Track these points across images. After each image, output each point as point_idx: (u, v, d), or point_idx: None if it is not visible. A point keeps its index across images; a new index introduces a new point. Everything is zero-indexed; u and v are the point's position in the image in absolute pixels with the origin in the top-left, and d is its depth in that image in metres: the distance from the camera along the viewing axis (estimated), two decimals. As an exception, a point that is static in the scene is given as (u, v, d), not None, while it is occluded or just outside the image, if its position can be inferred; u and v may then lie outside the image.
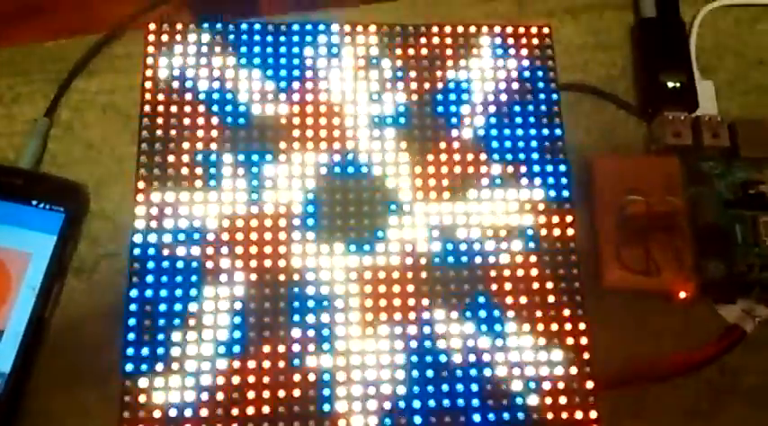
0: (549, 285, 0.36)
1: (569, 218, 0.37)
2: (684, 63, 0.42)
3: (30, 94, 0.40)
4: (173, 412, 0.33)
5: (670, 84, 0.41)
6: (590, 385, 0.34)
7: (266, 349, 0.34)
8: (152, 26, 0.39)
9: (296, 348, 0.34)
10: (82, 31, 0.41)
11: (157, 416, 0.33)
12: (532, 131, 0.39)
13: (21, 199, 0.37)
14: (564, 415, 0.34)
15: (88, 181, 0.39)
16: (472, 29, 0.40)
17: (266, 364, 0.34)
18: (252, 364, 0.34)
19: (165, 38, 0.39)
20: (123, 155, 0.39)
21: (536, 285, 0.36)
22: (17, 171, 0.38)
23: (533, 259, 0.36)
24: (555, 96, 0.39)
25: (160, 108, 0.37)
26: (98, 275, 0.38)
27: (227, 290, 0.35)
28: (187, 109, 0.38)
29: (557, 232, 0.37)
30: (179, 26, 0.39)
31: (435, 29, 0.40)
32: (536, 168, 0.38)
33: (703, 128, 0.40)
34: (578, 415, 0.34)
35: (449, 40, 0.40)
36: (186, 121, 0.37)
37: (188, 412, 0.33)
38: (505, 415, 0.34)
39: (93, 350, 0.36)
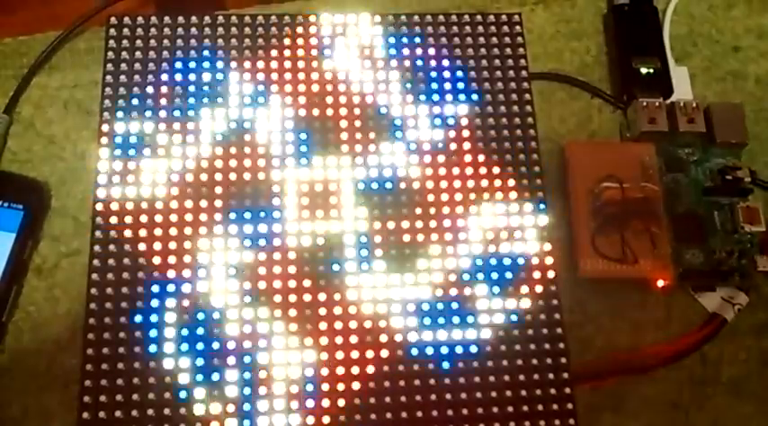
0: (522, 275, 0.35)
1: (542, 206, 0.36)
2: (658, 49, 0.41)
3: (-11, 91, 0.40)
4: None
5: (644, 71, 0.41)
6: (565, 376, 0.33)
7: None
8: (113, 20, 0.38)
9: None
10: (43, 26, 0.40)
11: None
12: (503, 120, 0.38)
13: (-21, 197, 0.36)
14: (539, 407, 0.33)
15: (50, 179, 0.38)
16: (441, 18, 0.39)
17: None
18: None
19: (126, 32, 0.38)
20: (86, 152, 0.38)
21: (509, 274, 0.35)
22: (-25, 169, 0.37)
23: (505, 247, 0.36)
24: (526, 85, 0.39)
25: (121, 102, 0.37)
26: (60, 275, 0.37)
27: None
28: (149, 102, 0.37)
29: (529, 220, 0.36)
30: (140, 20, 0.38)
31: (404, 17, 0.39)
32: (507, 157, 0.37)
33: (678, 114, 0.39)
34: (553, 407, 0.33)
35: (417, 29, 0.39)
36: (148, 114, 0.37)
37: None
38: (479, 410, 0.33)
39: (54, 353, 0.35)
